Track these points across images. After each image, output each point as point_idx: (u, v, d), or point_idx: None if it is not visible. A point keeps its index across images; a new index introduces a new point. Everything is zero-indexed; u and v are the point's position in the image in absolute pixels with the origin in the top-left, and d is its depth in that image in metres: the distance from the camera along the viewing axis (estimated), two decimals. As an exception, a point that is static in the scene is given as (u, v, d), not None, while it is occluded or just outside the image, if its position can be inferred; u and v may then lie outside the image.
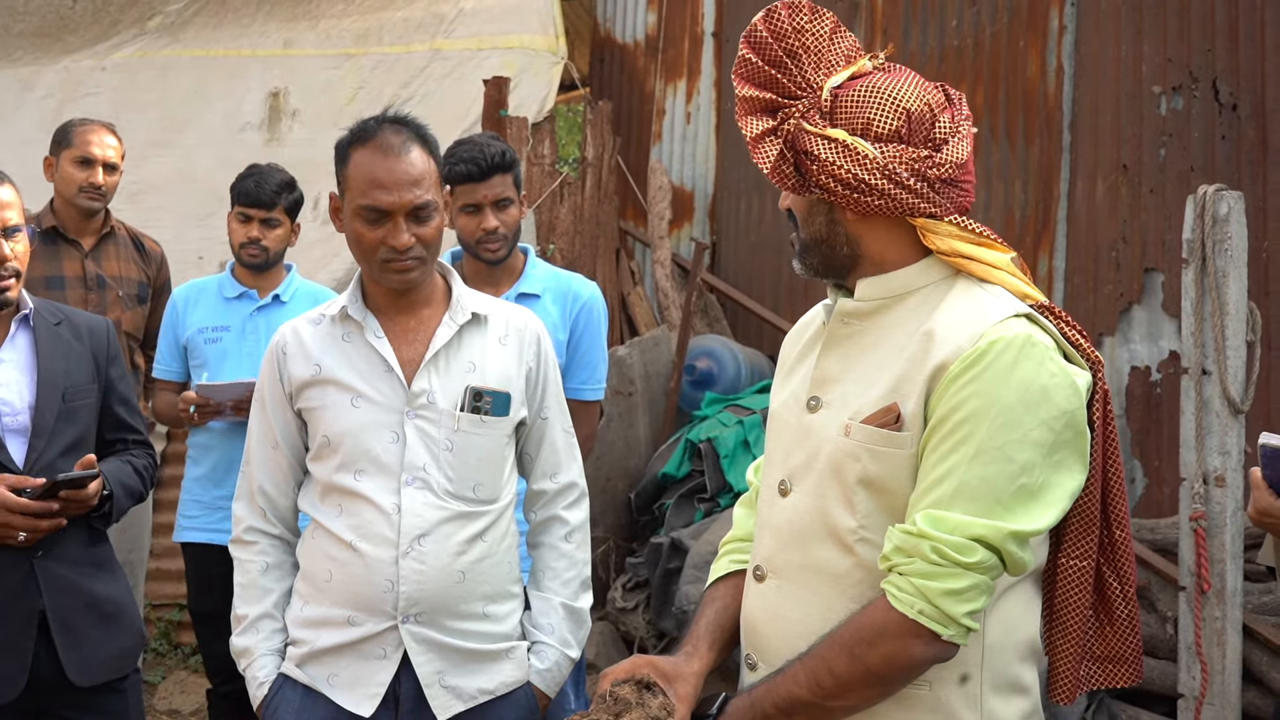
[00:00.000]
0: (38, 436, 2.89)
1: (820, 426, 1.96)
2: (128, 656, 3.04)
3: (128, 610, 3.07)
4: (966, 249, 1.92)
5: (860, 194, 1.88)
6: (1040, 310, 1.91)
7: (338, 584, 2.44)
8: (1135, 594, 2.01)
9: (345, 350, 2.50)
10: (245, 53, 7.57)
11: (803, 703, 1.86)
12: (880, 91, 1.90)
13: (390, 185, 2.41)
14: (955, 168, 1.89)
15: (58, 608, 2.88)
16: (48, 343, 2.98)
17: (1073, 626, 1.96)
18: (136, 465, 3.11)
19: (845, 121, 1.90)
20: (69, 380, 2.97)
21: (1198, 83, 5.22)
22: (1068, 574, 1.95)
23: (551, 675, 2.60)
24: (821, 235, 1.97)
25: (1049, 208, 5.67)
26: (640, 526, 5.74)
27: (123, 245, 4.54)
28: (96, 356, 3.06)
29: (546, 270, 3.56)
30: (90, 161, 4.38)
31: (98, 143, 4.41)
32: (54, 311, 3.07)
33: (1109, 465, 1.94)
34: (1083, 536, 1.94)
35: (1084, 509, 1.92)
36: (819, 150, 1.88)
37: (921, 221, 1.91)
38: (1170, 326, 5.23)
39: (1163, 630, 4.39)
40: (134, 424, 3.16)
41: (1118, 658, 2.02)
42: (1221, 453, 4.02)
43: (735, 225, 6.88)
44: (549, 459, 2.66)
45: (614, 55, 7.50)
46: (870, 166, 1.86)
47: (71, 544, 2.92)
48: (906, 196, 1.88)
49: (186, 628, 6.04)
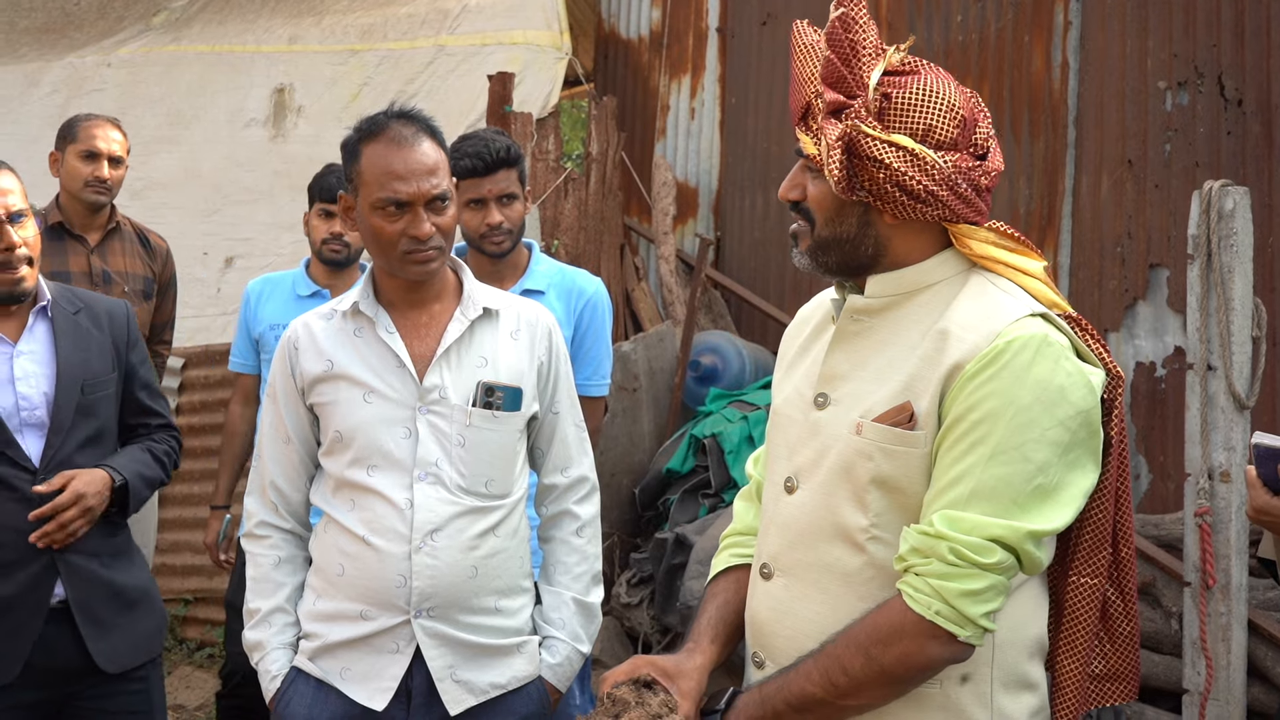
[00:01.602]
0: (55, 433, 2.89)
1: (829, 424, 1.95)
2: (154, 639, 3.07)
3: (150, 594, 3.09)
4: (1001, 255, 1.90)
5: (923, 204, 1.84)
6: (1067, 321, 1.89)
7: (350, 578, 2.45)
8: (1137, 611, 2.01)
9: (357, 345, 2.51)
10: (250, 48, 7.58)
11: (816, 700, 1.86)
12: (937, 95, 1.86)
13: (408, 175, 2.41)
14: (998, 175, 1.89)
15: (82, 598, 2.90)
16: (67, 334, 2.96)
17: (1079, 643, 1.96)
18: (156, 452, 3.11)
19: (903, 125, 1.85)
20: (88, 371, 2.96)
21: (1203, 78, 5.22)
22: (1078, 591, 1.95)
23: (562, 670, 2.61)
24: (848, 235, 1.92)
25: (1054, 203, 5.68)
26: (644, 522, 5.75)
27: (128, 240, 4.55)
28: (117, 343, 3.06)
29: (551, 266, 3.56)
30: (95, 155, 4.39)
31: (102, 137, 4.42)
32: (72, 300, 3.05)
33: (1120, 481, 1.94)
34: (1094, 553, 1.93)
35: (1096, 525, 1.92)
36: (887, 158, 1.82)
37: (961, 227, 1.90)
38: (1175, 322, 5.24)
39: (1167, 626, 4.40)
40: (156, 408, 3.16)
41: (1116, 675, 2.02)
42: (1226, 448, 4.02)
43: (739, 221, 6.88)
44: (560, 453, 2.67)
45: (618, 51, 7.50)
46: (938, 177, 1.83)
47: (91, 535, 2.92)
48: (960, 206, 1.86)
49: (191, 623, 6.06)
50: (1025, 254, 1.93)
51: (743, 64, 6.92)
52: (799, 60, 1.96)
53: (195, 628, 6.07)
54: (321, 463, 2.55)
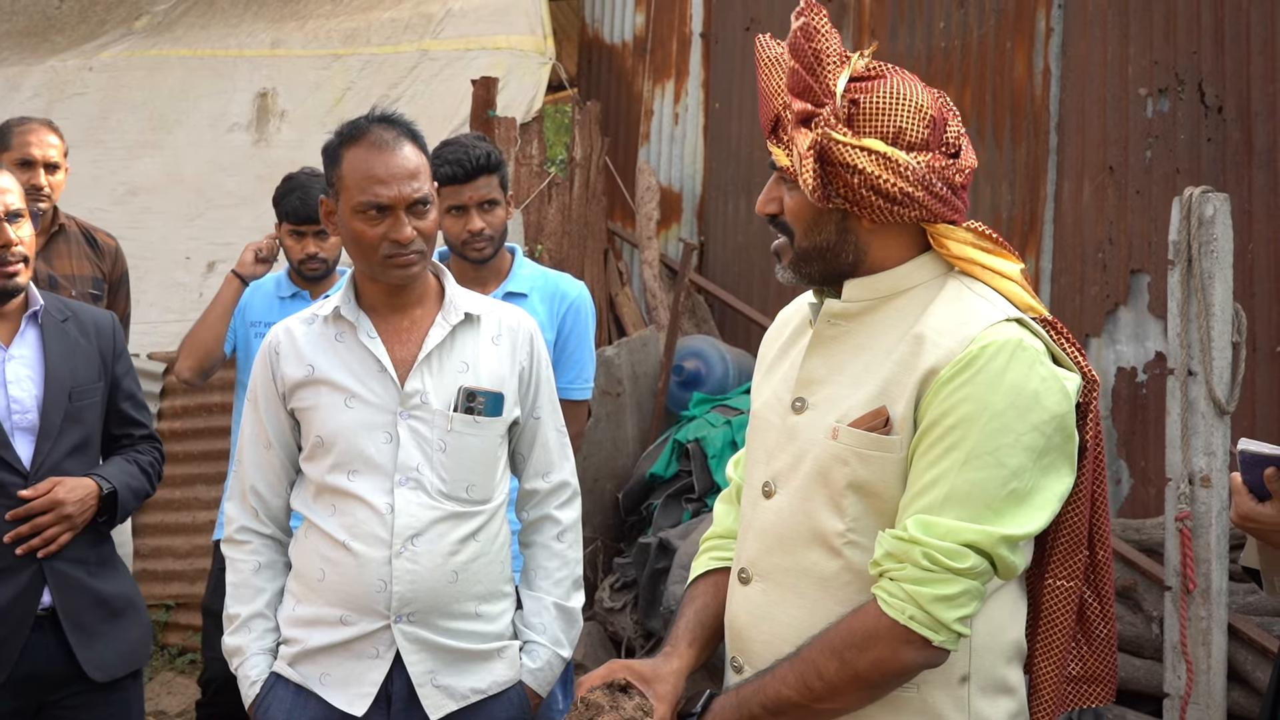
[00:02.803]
0: (44, 438, 2.90)
1: (806, 428, 1.95)
2: (140, 649, 3.07)
3: (136, 604, 3.09)
4: (979, 256, 1.91)
5: (900, 205, 1.84)
6: (1042, 324, 1.90)
7: (330, 583, 2.45)
8: (1114, 613, 2.02)
9: (338, 350, 2.51)
10: (233, 53, 7.56)
11: (791, 704, 1.86)
12: (904, 98, 1.86)
13: (389, 179, 2.41)
14: (971, 173, 1.89)
15: (69, 607, 2.90)
16: (55, 341, 2.98)
17: (1056, 646, 1.97)
18: (142, 463, 3.12)
19: (873, 130, 1.85)
20: (75, 379, 2.97)
21: (1184, 85, 5.25)
22: (1054, 594, 1.96)
23: (543, 674, 2.60)
24: (828, 244, 1.93)
25: (1035, 209, 5.70)
26: (628, 527, 5.75)
27: (74, 242, 4.39)
28: (103, 353, 3.07)
29: (534, 270, 3.56)
30: (30, 163, 4.17)
31: (37, 143, 4.20)
32: (61, 308, 3.06)
33: (1096, 485, 1.95)
34: (1070, 556, 1.94)
35: (1072, 528, 1.93)
36: (861, 163, 1.83)
37: (940, 227, 1.90)
38: (1156, 328, 5.26)
39: (1148, 630, 4.41)
40: (140, 419, 3.17)
41: (1094, 677, 2.03)
42: (1207, 453, 4.04)
43: (723, 226, 6.89)
44: (541, 458, 2.67)
45: (602, 56, 7.51)
46: (912, 178, 1.83)
47: (77, 544, 2.93)
48: (937, 205, 1.86)
49: (173, 629, 6.04)
50: (1002, 255, 1.94)
51: (726, 69, 6.93)
52: (765, 74, 1.97)
53: (177, 634, 6.04)
54: (302, 468, 2.54)
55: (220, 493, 4.36)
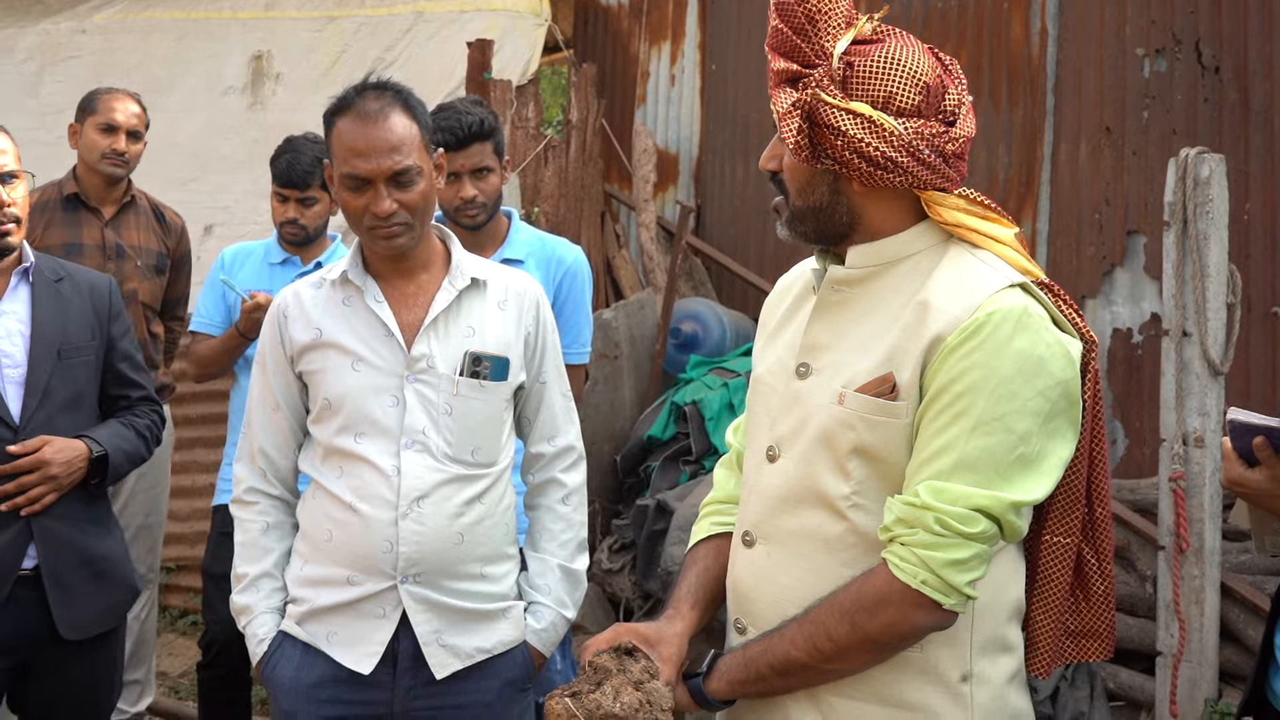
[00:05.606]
0: (31, 393, 2.92)
1: (810, 394, 1.96)
2: (117, 610, 3.10)
3: (121, 566, 3.11)
4: (972, 222, 1.92)
5: (884, 170, 1.85)
6: (1041, 288, 1.92)
7: (338, 544, 2.47)
8: (1112, 570, 2.04)
9: (346, 314, 2.52)
10: (227, 15, 7.50)
11: (799, 664, 1.89)
12: (899, 63, 1.86)
13: (368, 152, 2.42)
14: (967, 142, 1.90)
15: (52, 564, 2.93)
16: (47, 299, 3.01)
17: (1053, 601, 1.99)
18: (138, 426, 3.13)
19: (865, 93, 1.86)
20: (65, 337, 2.99)
21: (1181, 45, 5.25)
22: (1051, 550, 1.98)
23: (547, 635, 2.64)
24: (821, 204, 1.94)
25: (1032, 170, 5.70)
26: (626, 489, 5.78)
27: (143, 215, 4.56)
28: (98, 313, 3.09)
29: (531, 234, 3.56)
30: (114, 128, 4.43)
31: (121, 110, 4.47)
32: (55, 269, 3.09)
33: (1095, 444, 1.97)
34: (1068, 513, 1.96)
35: (1070, 485, 1.95)
36: (844, 125, 1.84)
37: (931, 194, 1.91)
38: (1152, 289, 5.28)
39: (1142, 589, 4.46)
40: (138, 380, 3.18)
41: (1092, 633, 2.05)
42: (1201, 414, 4.07)
43: (720, 188, 6.88)
44: (547, 422, 2.69)
45: (598, 17, 7.48)
46: (897, 143, 1.84)
47: (69, 501, 2.95)
48: (924, 172, 1.87)
49: (174, 591, 6.07)
50: (996, 221, 1.95)
51: (723, 30, 6.91)
52: None
53: (178, 596, 6.08)
54: (310, 430, 2.57)
55: (219, 456, 4.38)
